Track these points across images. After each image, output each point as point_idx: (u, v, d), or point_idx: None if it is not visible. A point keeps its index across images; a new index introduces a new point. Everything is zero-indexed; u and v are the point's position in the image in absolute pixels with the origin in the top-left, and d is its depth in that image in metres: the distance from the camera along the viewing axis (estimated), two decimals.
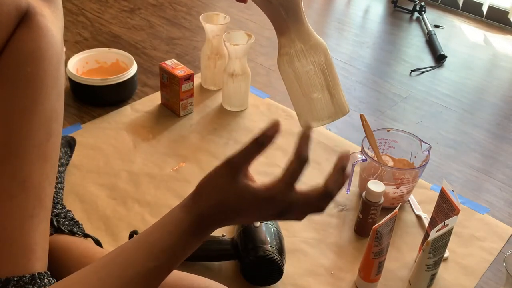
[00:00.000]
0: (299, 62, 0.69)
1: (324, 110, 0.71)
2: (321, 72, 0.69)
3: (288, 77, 0.71)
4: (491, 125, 1.34)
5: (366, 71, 1.53)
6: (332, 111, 0.72)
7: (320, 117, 0.72)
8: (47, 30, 0.65)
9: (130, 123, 1.19)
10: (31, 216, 0.64)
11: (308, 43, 0.69)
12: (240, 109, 1.27)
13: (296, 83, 0.70)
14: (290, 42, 0.69)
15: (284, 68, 0.70)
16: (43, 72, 0.64)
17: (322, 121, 0.73)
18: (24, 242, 0.63)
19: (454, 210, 0.82)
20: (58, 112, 0.68)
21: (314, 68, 0.69)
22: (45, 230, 0.67)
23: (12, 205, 0.63)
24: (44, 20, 0.65)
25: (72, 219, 0.84)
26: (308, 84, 0.69)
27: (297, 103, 0.72)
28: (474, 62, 1.65)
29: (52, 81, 0.65)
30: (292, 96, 0.73)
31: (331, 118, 0.72)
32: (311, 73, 0.69)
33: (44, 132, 0.65)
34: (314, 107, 0.70)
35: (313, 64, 0.69)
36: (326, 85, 0.70)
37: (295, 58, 0.69)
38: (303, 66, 0.69)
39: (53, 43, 0.65)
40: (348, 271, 0.88)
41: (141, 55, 1.47)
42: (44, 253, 0.66)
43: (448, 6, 2.03)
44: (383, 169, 0.96)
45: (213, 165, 1.08)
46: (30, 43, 0.63)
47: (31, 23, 0.64)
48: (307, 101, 0.70)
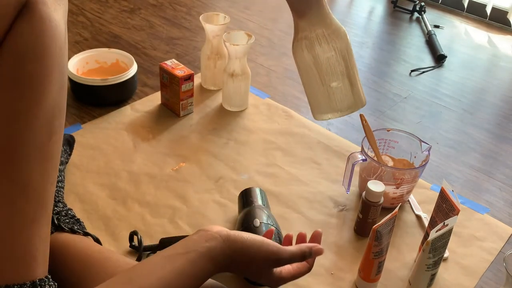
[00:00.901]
0: (320, 47, 0.64)
1: (343, 101, 0.67)
2: (342, 59, 0.65)
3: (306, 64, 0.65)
4: (491, 125, 1.34)
5: (366, 71, 1.53)
6: (352, 102, 0.67)
7: (339, 107, 0.67)
8: (50, 20, 0.60)
9: (130, 123, 1.19)
10: (32, 221, 0.62)
11: (330, 28, 0.64)
12: (240, 109, 1.27)
13: (315, 70, 0.65)
14: (310, 26, 0.64)
15: (301, 53, 0.65)
16: (45, 70, 0.60)
17: (341, 112, 0.68)
18: (25, 248, 0.61)
19: (454, 210, 0.82)
20: (61, 106, 0.64)
21: (336, 55, 0.64)
22: (46, 234, 0.64)
23: (12, 211, 0.60)
24: (45, 9, 0.59)
25: (73, 217, 0.84)
26: (329, 71, 0.64)
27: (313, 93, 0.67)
28: (474, 62, 1.65)
29: (54, 76, 0.61)
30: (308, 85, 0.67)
31: (350, 109, 0.68)
32: (332, 60, 0.64)
33: (46, 131, 0.62)
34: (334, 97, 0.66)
35: (334, 50, 0.64)
36: (347, 73, 0.65)
37: (316, 42, 0.64)
38: (325, 52, 0.64)
39: (56, 35, 0.60)
40: (348, 271, 0.88)
41: (141, 55, 1.47)
42: (45, 257, 0.64)
43: (448, 7, 2.03)
44: (383, 169, 0.96)
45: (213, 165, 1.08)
46: (31, 39, 0.58)
47: (32, 14, 0.58)
48: (325, 90, 0.65)
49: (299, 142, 1.18)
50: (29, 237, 0.62)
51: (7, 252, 0.60)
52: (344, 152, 1.15)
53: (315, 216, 0.99)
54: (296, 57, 0.66)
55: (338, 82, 0.65)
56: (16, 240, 0.61)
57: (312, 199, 1.03)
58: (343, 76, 0.65)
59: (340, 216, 1.00)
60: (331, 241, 0.94)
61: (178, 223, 0.94)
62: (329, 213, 1.00)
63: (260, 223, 0.83)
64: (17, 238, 0.61)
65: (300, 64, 0.66)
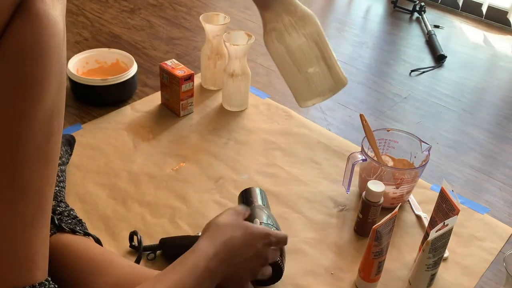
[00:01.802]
0: (289, 37, 0.63)
1: (323, 84, 0.67)
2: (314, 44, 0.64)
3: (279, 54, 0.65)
4: (491, 125, 1.34)
5: (366, 71, 1.53)
6: (332, 84, 0.67)
7: (320, 92, 0.67)
8: (48, 18, 0.58)
9: (130, 123, 1.19)
10: (31, 224, 0.61)
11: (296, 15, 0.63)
12: (240, 109, 1.27)
13: (289, 59, 0.64)
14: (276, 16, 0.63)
15: (273, 45, 0.64)
16: (43, 68, 0.58)
17: (323, 96, 0.68)
18: (24, 252, 0.61)
19: (454, 210, 0.82)
20: (60, 106, 0.62)
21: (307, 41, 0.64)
22: (45, 236, 0.64)
23: (11, 214, 0.59)
24: (43, 6, 0.57)
25: (75, 217, 0.84)
26: (303, 58, 0.64)
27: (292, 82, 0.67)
28: (474, 62, 1.65)
29: (53, 74, 0.59)
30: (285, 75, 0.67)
31: (332, 92, 0.68)
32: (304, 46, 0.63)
33: (44, 132, 0.60)
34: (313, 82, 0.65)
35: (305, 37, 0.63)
36: (322, 57, 0.64)
37: (284, 32, 0.63)
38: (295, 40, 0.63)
39: (54, 32, 0.59)
40: (348, 271, 0.88)
41: (141, 55, 1.47)
42: (44, 260, 0.64)
43: (448, 6, 2.03)
44: (383, 169, 0.96)
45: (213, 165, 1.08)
46: (28, 38, 0.56)
47: (29, 12, 0.56)
48: (303, 78, 0.65)
49: (299, 142, 1.18)
50: (28, 240, 0.61)
51: (6, 255, 0.60)
52: (344, 152, 1.15)
53: (315, 216, 0.99)
54: (269, 49, 0.65)
55: (315, 67, 0.64)
56: (15, 243, 0.60)
57: (312, 199, 1.03)
58: (318, 60, 0.64)
59: (340, 216, 1.00)
60: (331, 241, 0.94)
61: (178, 223, 0.94)
62: (329, 213, 1.00)
63: (260, 223, 0.83)
64: (16, 241, 0.60)
65: (274, 55, 0.66)
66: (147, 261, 0.86)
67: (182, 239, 0.88)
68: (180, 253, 0.86)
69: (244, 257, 0.74)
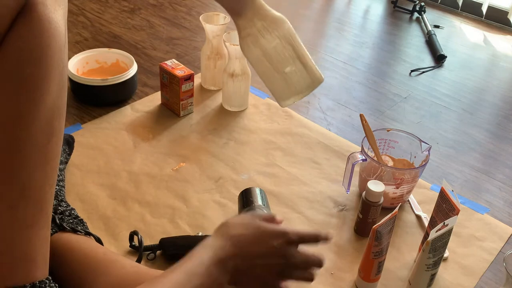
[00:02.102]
0: (264, 39, 0.67)
1: (301, 82, 0.69)
2: (288, 44, 0.67)
3: (257, 58, 0.68)
4: (491, 125, 1.34)
5: (366, 71, 1.53)
6: (310, 81, 0.70)
7: (298, 90, 0.70)
8: (49, 21, 0.58)
9: (130, 123, 1.19)
10: (31, 224, 0.61)
11: (268, 18, 0.67)
12: (240, 109, 1.27)
13: (266, 61, 0.67)
14: (249, 22, 0.67)
15: (250, 50, 0.68)
16: (44, 70, 0.59)
17: (301, 94, 0.70)
18: (24, 251, 0.61)
19: (454, 210, 0.82)
20: (60, 107, 0.63)
21: (281, 42, 0.67)
22: (45, 236, 0.64)
23: (11, 215, 0.60)
24: (45, 9, 0.58)
25: (76, 217, 0.84)
26: (279, 59, 0.67)
27: (272, 82, 0.70)
28: (474, 62, 1.65)
29: (54, 77, 0.60)
30: (264, 77, 0.70)
31: (310, 88, 0.70)
32: (279, 47, 0.67)
33: (45, 133, 0.61)
34: (291, 81, 0.68)
35: (278, 38, 0.67)
36: (296, 56, 0.68)
37: (259, 36, 0.67)
38: (269, 42, 0.67)
39: (55, 36, 0.59)
40: (348, 271, 0.88)
41: (141, 55, 1.47)
42: (44, 259, 0.64)
43: (447, 6, 2.03)
44: (383, 169, 0.96)
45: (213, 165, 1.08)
46: (30, 40, 0.57)
47: (32, 15, 0.57)
48: (282, 77, 0.68)
49: (299, 142, 1.18)
50: (29, 239, 0.61)
51: (6, 254, 0.60)
52: (344, 152, 1.15)
53: (315, 216, 0.99)
54: (246, 54, 0.69)
55: (291, 66, 0.67)
56: (15, 242, 0.60)
57: (312, 199, 1.03)
58: (294, 59, 0.67)
59: (340, 216, 1.00)
60: (331, 241, 0.94)
61: (178, 223, 0.94)
62: (329, 213, 1.00)
63: None
64: (16, 240, 0.60)
65: (251, 59, 0.69)
66: (147, 261, 0.86)
67: (182, 239, 0.88)
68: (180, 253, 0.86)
69: (257, 253, 0.69)
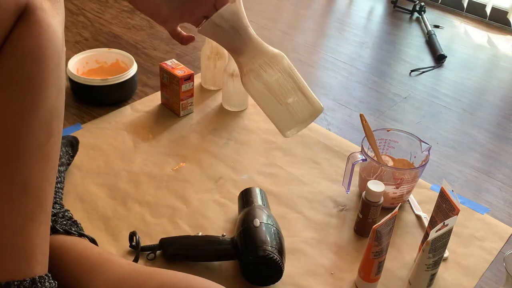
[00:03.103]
0: (266, 73, 0.70)
1: (304, 111, 0.72)
2: (289, 77, 0.71)
3: (260, 92, 0.71)
4: (491, 125, 1.34)
5: (366, 71, 1.53)
6: (312, 110, 0.73)
7: (302, 119, 0.72)
8: (48, 26, 0.61)
9: (130, 123, 1.19)
10: (31, 219, 0.63)
11: (268, 55, 0.71)
12: (240, 109, 1.27)
13: (270, 94, 0.71)
14: (250, 59, 0.71)
15: (253, 84, 0.71)
16: (43, 71, 0.61)
17: (305, 122, 0.73)
18: (24, 246, 0.62)
19: (454, 210, 0.82)
20: (59, 110, 0.66)
21: (282, 75, 0.70)
22: (45, 232, 0.65)
23: (11, 209, 0.61)
24: (44, 15, 0.61)
25: (70, 218, 0.84)
26: (281, 91, 0.70)
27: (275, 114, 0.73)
28: (474, 62, 1.65)
29: (52, 79, 0.63)
30: (268, 110, 0.73)
31: (313, 117, 0.73)
32: (280, 80, 0.70)
33: (44, 132, 0.63)
34: (294, 111, 0.72)
35: (279, 71, 0.70)
36: (297, 87, 0.71)
37: (261, 71, 0.70)
38: (271, 76, 0.70)
39: (53, 39, 0.62)
40: (348, 271, 0.88)
41: (141, 55, 1.47)
42: (44, 255, 0.65)
43: (448, 7, 2.03)
44: (383, 169, 0.96)
45: (213, 165, 1.08)
46: (29, 41, 0.60)
47: (31, 19, 0.60)
48: (285, 108, 0.71)
49: (299, 142, 1.18)
50: (28, 235, 0.63)
51: (6, 249, 0.61)
52: (344, 152, 1.15)
53: (315, 216, 0.99)
54: (248, 89, 0.72)
55: (293, 97, 0.71)
56: (15, 237, 0.62)
57: (312, 199, 1.03)
58: (295, 90, 0.71)
59: (340, 216, 1.00)
60: (331, 241, 0.94)
61: (178, 223, 0.94)
62: (329, 213, 1.00)
63: (260, 223, 0.83)
64: (16, 236, 0.62)
65: (255, 94, 0.72)
66: (147, 261, 0.86)
67: (182, 239, 0.88)
68: (180, 253, 0.86)
69: None
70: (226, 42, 0.71)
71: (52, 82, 0.63)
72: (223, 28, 0.68)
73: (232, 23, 0.68)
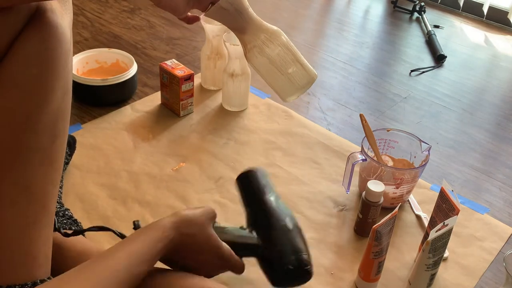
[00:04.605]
0: (268, 48, 0.79)
1: (302, 79, 0.82)
2: (288, 50, 0.81)
3: (264, 65, 0.81)
4: (491, 125, 1.34)
5: (366, 71, 1.53)
6: (308, 77, 0.83)
7: (301, 85, 0.82)
8: (56, 27, 0.61)
9: (130, 123, 1.19)
10: (34, 222, 0.62)
11: (268, 31, 0.80)
12: (240, 109, 1.27)
13: (272, 66, 0.80)
14: (253, 36, 0.80)
15: (257, 59, 0.81)
16: (50, 73, 0.61)
17: (304, 88, 0.83)
18: (26, 249, 0.62)
19: (454, 210, 0.82)
20: (65, 111, 0.65)
21: (282, 49, 0.80)
22: (47, 235, 0.65)
23: (14, 212, 0.61)
24: (53, 16, 0.61)
25: (71, 217, 0.84)
26: (283, 62, 0.80)
27: (277, 83, 0.83)
28: (474, 62, 1.65)
29: (59, 80, 0.62)
30: (271, 80, 0.83)
31: (310, 83, 0.83)
32: (281, 54, 0.80)
33: (49, 134, 0.63)
34: (294, 80, 0.82)
35: (280, 46, 0.80)
36: (296, 59, 0.81)
37: (263, 46, 0.79)
38: (273, 50, 0.80)
39: (62, 41, 0.62)
40: (348, 271, 0.88)
41: (141, 55, 1.47)
42: (46, 259, 0.65)
43: (448, 7, 2.03)
44: (383, 169, 0.96)
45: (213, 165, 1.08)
46: (38, 43, 0.60)
47: (41, 21, 0.60)
48: (286, 78, 0.81)
49: (299, 142, 1.18)
50: (30, 238, 0.62)
51: (8, 252, 0.61)
52: (344, 152, 1.15)
53: (315, 216, 0.99)
54: (253, 64, 0.82)
55: (293, 67, 0.81)
56: (17, 241, 0.61)
57: (312, 199, 1.03)
58: (294, 62, 0.81)
59: (340, 216, 1.00)
60: (331, 241, 0.94)
61: None
62: (329, 213, 1.00)
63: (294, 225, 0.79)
64: (18, 239, 0.61)
65: (259, 67, 0.82)
66: None
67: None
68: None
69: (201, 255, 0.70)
70: (231, 23, 0.79)
71: (58, 83, 0.63)
72: (228, 10, 0.76)
73: (235, 6, 0.77)
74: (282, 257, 0.76)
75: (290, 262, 0.75)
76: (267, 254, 0.77)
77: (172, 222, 0.66)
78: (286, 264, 0.75)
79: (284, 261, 0.75)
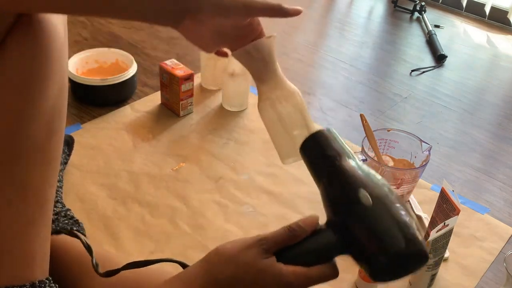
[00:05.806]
0: (280, 105, 0.78)
1: None
2: (299, 113, 0.79)
3: (272, 119, 0.80)
4: (491, 125, 1.34)
5: (366, 71, 1.53)
6: None
7: None
8: (48, 23, 0.60)
9: (130, 123, 1.19)
10: (31, 222, 0.61)
11: (286, 89, 0.79)
12: (240, 109, 1.27)
13: (279, 123, 0.79)
14: (270, 89, 0.79)
15: (267, 111, 0.80)
16: (44, 69, 0.60)
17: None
18: (23, 249, 0.61)
19: (454, 210, 0.82)
20: (61, 108, 0.64)
21: (294, 109, 0.78)
22: (45, 235, 0.64)
23: (11, 212, 0.60)
24: None
25: (72, 218, 0.84)
26: (291, 123, 0.78)
27: (280, 142, 0.81)
28: (475, 62, 1.65)
29: (53, 77, 0.61)
30: (275, 136, 0.81)
31: None
32: (291, 114, 0.78)
33: (45, 132, 0.61)
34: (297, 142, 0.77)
35: (292, 106, 0.78)
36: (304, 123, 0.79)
37: (276, 102, 0.78)
38: (285, 108, 0.78)
39: (55, 37, 0.61)
40: (348, 271, 0.88)
41: (141, 55, 1.47)
42: (44, 259, 0.64)
43: (448, 6, 2.03)
44: (383, 169, 0.96)
45: (213, 165, 1.08)
46: (30, 39, 0.59)
47: (31, 17, 0.59)
48: (290, 138, 0.79)
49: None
50: (28, 239, 0.61)
51: (5, 253, 0.60)
52: None
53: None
54: (262, 115, 0.81)
55: (299, 130, 0.78)
56: (14, 241, 0.60)
57: (312, 199, 1.03)
58: (302, 126, 0.79)
59: None
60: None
61: (178, 223, 0.94)
62: None
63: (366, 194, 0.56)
64: (15, 239, 0.60)
65: (267, 120, 0.81)
66: None
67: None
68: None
69: None
70: (254, 69, 0.78)
71: (53, 80, 0.61)
72: (254, 57, 0.76)
73: (262, 55, 0.76)
74: (381, 240, 0.54)
75: (394, 244, 0.54)
76: (357, 240, 0.55)
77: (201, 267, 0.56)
78: (392, 247, 0.54)
79: (385, 244, 0.54)
